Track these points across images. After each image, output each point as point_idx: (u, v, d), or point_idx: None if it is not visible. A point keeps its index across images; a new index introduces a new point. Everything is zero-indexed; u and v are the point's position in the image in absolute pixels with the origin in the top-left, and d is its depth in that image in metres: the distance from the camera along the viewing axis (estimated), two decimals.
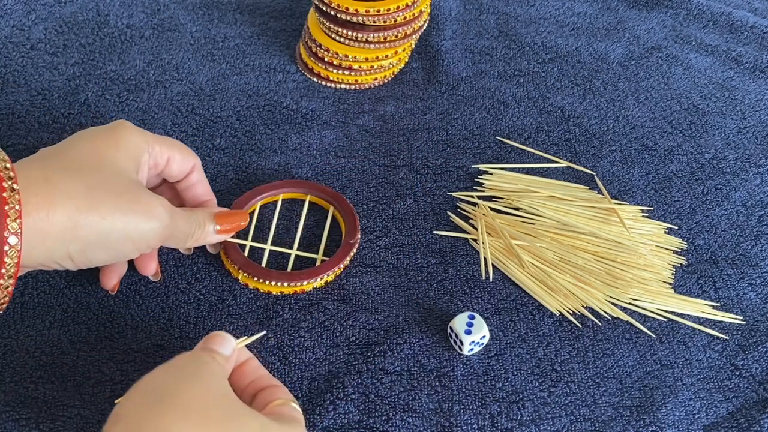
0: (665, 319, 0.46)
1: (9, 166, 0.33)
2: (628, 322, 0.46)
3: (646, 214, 0.53)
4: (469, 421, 0.40)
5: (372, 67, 0.59)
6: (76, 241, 0.34)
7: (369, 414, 0.40)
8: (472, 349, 0.43)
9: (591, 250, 0.49)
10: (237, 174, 0.52)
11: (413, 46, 0.64)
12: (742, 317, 0.47)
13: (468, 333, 0.42)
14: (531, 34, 0.68)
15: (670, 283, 0.48)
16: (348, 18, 0.56)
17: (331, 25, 0.57)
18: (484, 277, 0.48)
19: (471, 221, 0.51)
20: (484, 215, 0.51)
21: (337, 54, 0.58)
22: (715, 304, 0.48)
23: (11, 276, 0.32)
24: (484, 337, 0.42)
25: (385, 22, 0.56)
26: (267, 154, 0.54)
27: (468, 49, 0.65)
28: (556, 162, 0.56)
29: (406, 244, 0.49)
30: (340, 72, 0.59)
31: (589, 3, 0.72)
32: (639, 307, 0.47)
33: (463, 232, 0.50)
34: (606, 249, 0.49)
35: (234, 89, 0.59)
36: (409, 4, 0.55)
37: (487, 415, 0.41)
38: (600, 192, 0.53)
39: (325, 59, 0.59)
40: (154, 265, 0.44)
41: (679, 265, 0.50)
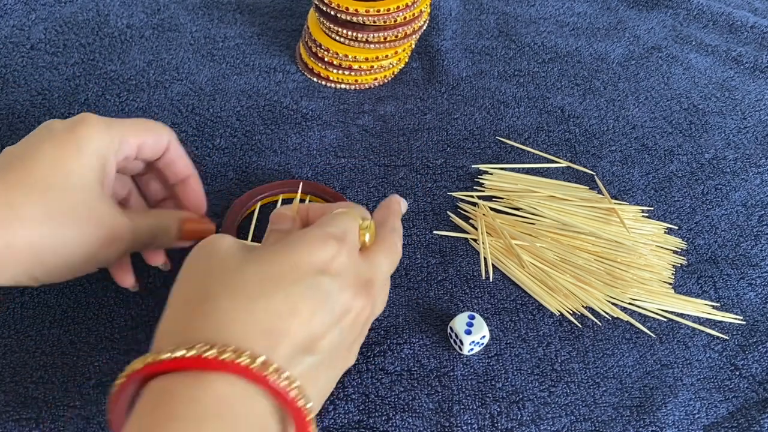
0: (665, 319, 0.46)
1: None
2: (628, 322, 0.46)
3: (646, 214, 0.53)
4: (469, 421, 0.40)
5: (372, 67, 0.59)
6: (40, 266, 0.34)
7: (369, 414, 0.40)
8: (472, 349, 0.43)
9: (591, 250, 0.49)
10: (237, 174, 0.52)
11: (413, 46, 0.64)
12: (742, 317, 0.47)
13: (468, 333, 0.42)
14: (531, 34, 0.68)
15: (670, 283, 0.48)
16: (348, 18, 0.56)
17: (331, 25, 0.57)
18: (484, 277, 0.48)
19: (471, 221, 0.51)
20: (484, 215, 0.51)
21: (337, 54, 0.58)
22: (715, 304, 0.48)
23: None
24: (484, 337, 0.42)
25: (385, 22, 0.56)
26: (267, 154, 0.54)
27: (468, 49, 0.65)
28: (556, 162, 0.56)
29: (406, 244, 0.49)
30: (340, 72, 0.59)
31: (589, 3, 0.72)
32: (639, 307, 0.47)
33: (463, 232, 0.50)
34: (606, 249, 0.49)
35: (234, 89, 0.59)
36: (409, 4, 0.55)
37: (487, 415, 0.41)
38: (600, 192, 0.53)
39: (325, 59, 0.59)
40: (131, 277, 0.42)
41: (679, 265, 0.50)
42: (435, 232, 0.50)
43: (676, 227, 0.52)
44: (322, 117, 0.57)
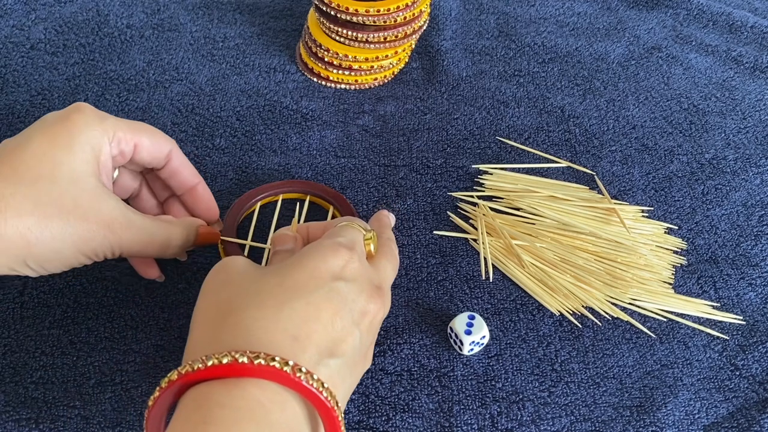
0: (665, 319, 0.46)
1: None
2: (628, 322, 0.46)
3: (646, 214, 0.53)
4: (469, 421, 0.40)
5: (372, 67, 0.59)
6: (31, 257, 0.34)
7: (369, 414, 0.40)
8: (472, 349, 0.43)
9: (591, 250, 0.49)
10: (237, 174, 0.52)
11: (413, 46, 0.64)
12: (742, 317, 0.47)
13: (468, 333, 0.42)
14: (531, 34, 0.68)
15: (670, 283, 0.48)
16: (348, 18, 0.56)
17: (331, 25, 0.57)
18: (484, 277, 0.48)
19: (471, 221, 0.51)
20: (484, 215, 0.51)
21: (337, 54, 0.58)
22: (715, 304, 0.48)
23: None
24: (484, 337, 0.42)
25: (385, 22, 0.56)
26: (267, 154, 0.54)
27: (468, 49, 0.65)
28: (556, 162, 0.56)
29: (406, 244, 0.49)
30: (340, 72, 0.59)
31: (589, 3, 0.72)
32: (639, 307, 0.47)
33: (463, 232, 0.50)
34: (606, 249, 0.49)
35: (234, 89, 0.59)
36: (409, 4, 0.55)
37: (487, 415, 0.41)
38: (600, 192, 0.53)
39: (325, 59, 0.59)
40: (155, 269, 0.44)
41: (679, 265, 0.50)
42: (435, 232, 0.50)
43: (676, 227, 0.52)
44: (322, 117, 0.57)
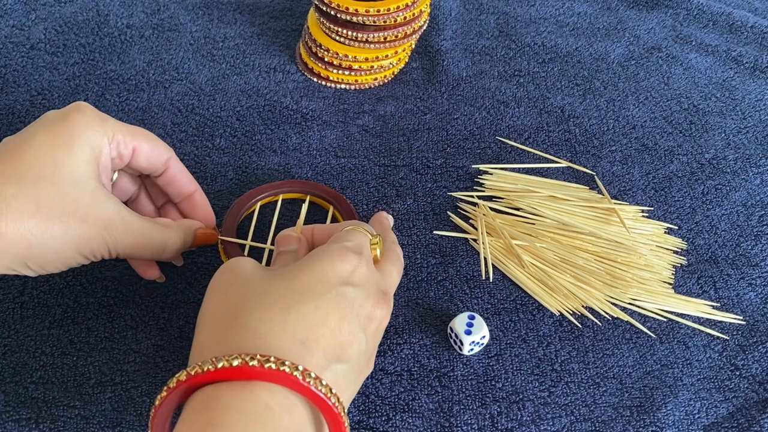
0: (665, 319, 0.46)
1: None
2: (628, 322, 0.46)
3: (646, 214, 0.53)
4: (469, 421, 0.40)
5: (372, 67, 0.59)
6: (32, 258, 0.34)
7: (369, 414, 0.40)
8: (472, 349, 0.43)
9: (591, 250, 0.49)
10: (237, 174, 0.52)
11: (413, 46, 0.64)
12: (742, 317, 0.47)
13: (468, 333, 0.42)
14: (531, 34, 0.68)
15: (670, 283, 0.48)
16: (348, 18, 0.56)
17: (331, 25, 0.57)
18: (484, 277, 0.48)
19: (471, 221, 0.51)
20: (484, 215, 0.51)
21: (337, 54, 0.58)
22: (715, 304, 0.48)
23: None
24: (484, 337, 0.42)
25: (385, 22, 0.56)
26: (267, 154, 0.54)
27: (468, 49, 0.65)
28: (556, 162, 0.56)
29: (406, 244, 0.49)
30: (340, 72, 0.59)
31: (589, 3, 0.72)
32: (639, 307, 0.47)
33: (463, 232, 0.50)
34: (606, 249, 0.49)
35: (234, 89, 0.59)
36: (409, 4, 0.55)
37: (487, 415, 0.41)
38: (600, 192, 0.53)
39: (325, 59, 0.59)
40: (155, 270, 0.44)
41: (679, 265, 0.50)
42: (435, 232, 0.50)
43: (676, 227, 0.52)
44: (322, 117, 0.57)
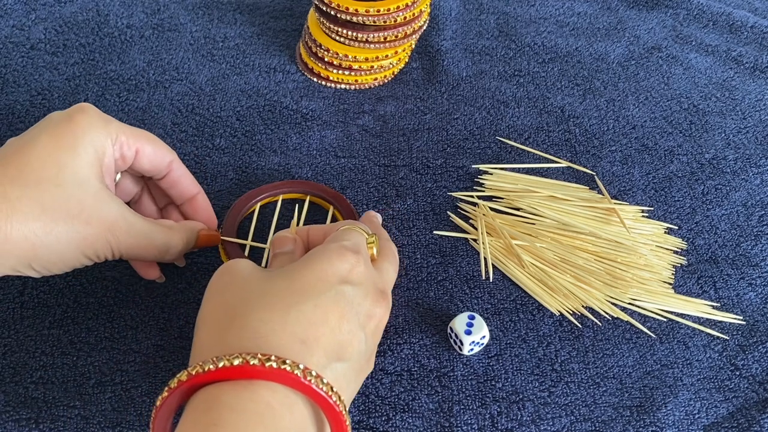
0: (665, 319, 0.46)
1: None
2: (628, 322, 0.46)
3: (646, 214, 0.53)
4: (469, 421, 0.40)
5: (372, 67, 0.59)
6: (36, 260, 0.34)
7: (369, 414, 0.40)
8: (472, 349, 0.43)
9: (591, 250, 0.49)
10: (237, 174, 0.52)
11: (413, 46, 0.64)
12: (742, 317, 0.47)
13: (468, 333, 0.42)
14: (531, 34, 0.68)
15: (670, 283, 0.48)
16: (348, 18, 0.56)
17: (331, 25, 0.57)
18: (484, 277, 0.48)
19: (471, 221, 0.51)
20: (484, 215, 0.51)
21: (337, 54, 0.58)
22: (715, 304, 0.48)
23: None
24: (484, 337, 0.42)
25: (385, 22, 0.56)
26: (267, 154, 0.54)
27: (468, 49, 0.65)
28: (556, 162, 0.56)
29: (406, 244, 0.49)
30: (340, 72, 0.59)
31: (589, 3, 0.72)
32: (639, 307, 0.47)
33: (463, 232, 0.50)
34: (606, 249, 0.49)
35: (234, 89, 0.59)
36: (409, 4, 0.55)
37: (487, 415, 0.41)
38: (600, 192, 0.53)
39: (325, 59, 0.59)
40: (155, 270, 0.44)
41: (679, 265, 0.50)
42: (435, 232, 0.50)
43: (676, 227, 0.52)
44: (322, 117, 0.57)
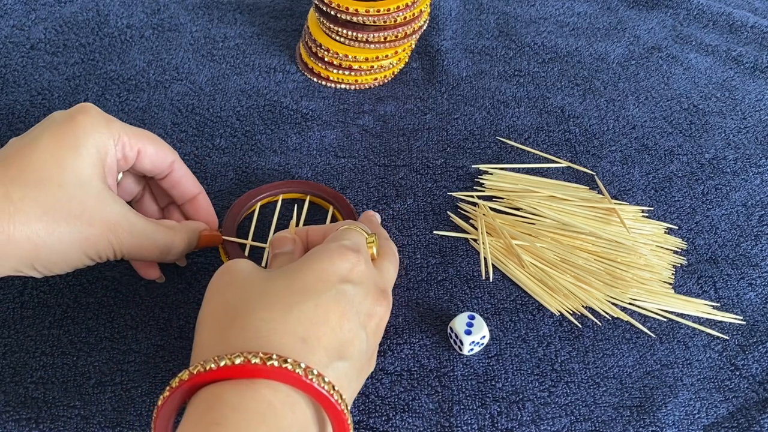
0: (665, 319, 0.46)
1: None
2: (628, 322, 0.46)
3: (646, 214, 0.53)
4: (469, 421, 0.40)
5: (372, 67, 0.59)
6: (38, 260, 0.34)
7: (369, 414, 0.40)
8: (472, 349, 0.43)
9: (591, 250, 0.49)
10: (237, 174, 0.52)
11: (413, 46, 0.64)
12: (742, 317, 0.47)
13: (468, 333, 0.42)
14: (531, 34, 0.68)
15: (670, 283, 0.48)
16: (348, 18, 0.56)
17: (331, 25, 0.57)
18: (484, 277, 0.48)
19: (471, 221, 0.51)
20: (484, 215, 0.51)
21: (337, 54, 0.58)
22: (715, 304, 0.48)
23: None
24: (484, 337, 0.42)
25: (385, 22, 0.56)
26: (267, 154, 0.54)
27: (468, 49, 0.65)
28: (556, 162, 0.56)
29: (406, 244, 0.49)
30: (340, 72, 0.59)
31: (589, 3, 0.72)
32: (639, 307, 0.47)
33: (463, 232, 0.50)
34: (606, 249, 0.49)
35: (234, 89, 0.59)
36: (409, 4, 0.55)
37: (487, 415, 0.41)
38: (600, 192, 0.53)
39: (325, 59, 0.59)
40: (155, 270, 0.44)
41: (679, 265, 0.50)
42: (435, 232, 0.50)
43: (676, 227, 0.52)
44: (322, 117, 0.57)
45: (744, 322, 0.47)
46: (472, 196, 0.52)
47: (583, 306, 0.46)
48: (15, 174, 0.34)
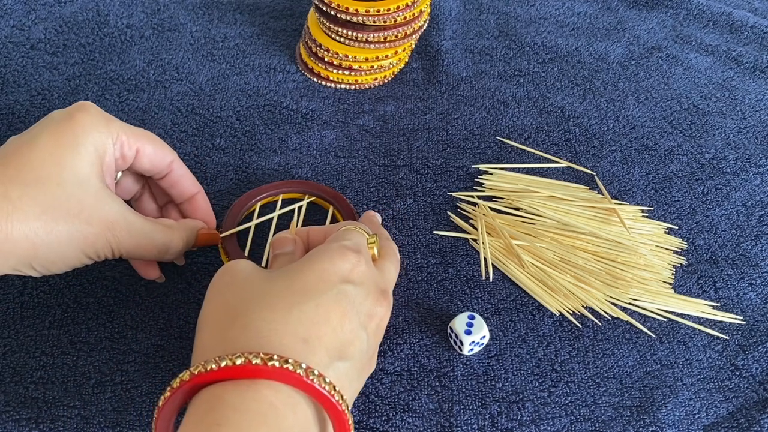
0: (665, 319, 0.46)
1: None
2: (628, 322, 0.46)
3: (646, 214, 0.53)
4: (469, 421, 0.40)
5: (372, 67, 0.59)
6: (37, 259, 0.34)
7: (369, 414, 0.40)
8: (472, 349, 0.43)
9: (591, 250, 0.49)
10: (237, 174, 0.52)
11: (413, 46, 0.64)
12: (742, 317, 0.47)
13: (468, 333, 0.42)
14: (531, 34, 0.68)
15: (670, 283, 0.48)
16: (348, 18, 0.56)
17: (331, 25, 0.57)
18: (484, 277, 0.48)
19: (471, 221, 0.51)
20: (484, 215, 0.51)
21: (337, 54, 0.58)
22: (715, 304, 0.48)
23: None
24: (484, 337, 0.42)
25: (385, 22, 0.56)
26: (267, 154, 0.54)
27: (468, 49, 0.65)
28: (556, 162, 0.56)
29: (406, 244, 0.49)
30: (340, 72, 0.59)
31: (589, 3, 0.72)
32: (639, 307, 0.47)
33: (463, 232, 0.50)
34: (606, 249, 0.49)
35: (234, 89, 0.59)
36: (409, 4, 0.55)
37: (487, 415, 0.41)
38: (600, 192, 0.53)
39: (325, 59, 0.59)
40: (155, 270, 0.44)
41: (679, 265, 0.50)
42: (435, 232, 0.50)
43: (676, 227, 0.52)
44: (322, 117, 0.57)
45: (744, 322, 0.47)
46: (472, 196, 0.52)
47: (583, 306, 0.46)
48: (14, 173, 0.34)
